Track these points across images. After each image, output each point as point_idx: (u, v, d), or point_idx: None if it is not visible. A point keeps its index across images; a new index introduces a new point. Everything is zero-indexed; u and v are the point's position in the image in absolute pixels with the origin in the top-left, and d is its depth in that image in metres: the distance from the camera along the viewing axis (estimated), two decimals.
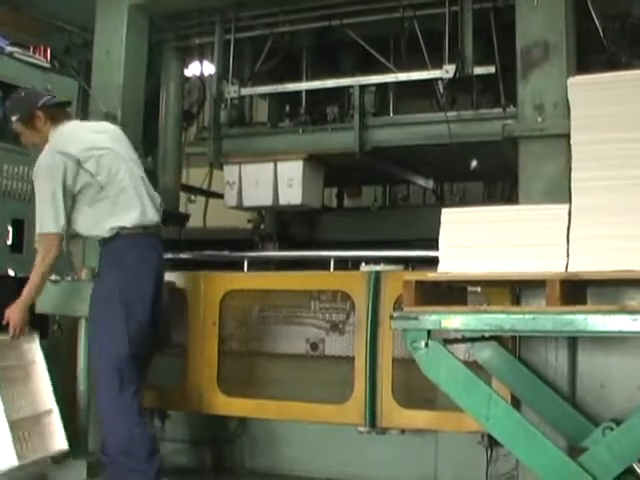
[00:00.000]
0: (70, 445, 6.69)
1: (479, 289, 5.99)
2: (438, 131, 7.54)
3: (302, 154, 7.96)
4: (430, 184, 10.27)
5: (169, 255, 7.59)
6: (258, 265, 8.09)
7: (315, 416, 6.70)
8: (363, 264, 6.72)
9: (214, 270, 7.38)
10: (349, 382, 6.48)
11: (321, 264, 7.59)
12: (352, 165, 8.28)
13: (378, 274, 6.40)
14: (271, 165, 8.00)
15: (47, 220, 5.99)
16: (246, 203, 8.14)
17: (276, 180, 7.97)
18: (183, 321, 7.14)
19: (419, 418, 6.34)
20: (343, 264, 7.58)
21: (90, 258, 7.47)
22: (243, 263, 7.51)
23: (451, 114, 7.46)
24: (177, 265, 7.92)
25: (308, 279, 7.04)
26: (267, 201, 8.02)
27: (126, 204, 6.06)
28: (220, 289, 7.02)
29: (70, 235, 6.36)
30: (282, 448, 7.33)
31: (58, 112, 6.30)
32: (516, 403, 5.68)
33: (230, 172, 8.21)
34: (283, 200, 7.95)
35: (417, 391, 5.73)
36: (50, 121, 6.23)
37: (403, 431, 6.44)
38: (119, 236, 6.07)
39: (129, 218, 6.04)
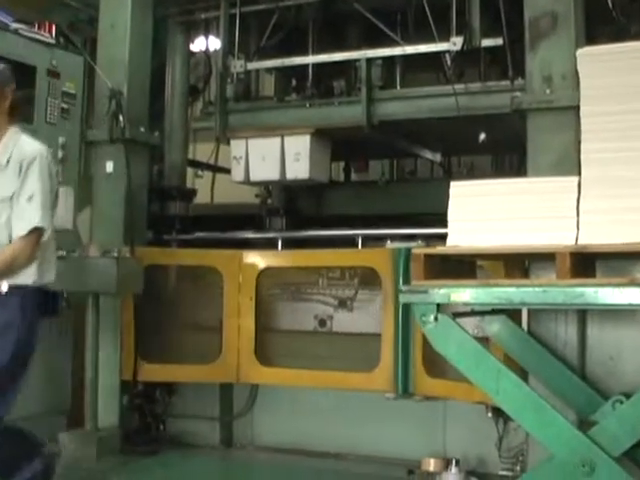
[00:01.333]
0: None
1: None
2: (446, 104, 7.48)
3: (309, 128, 7.93)
4: (438, 157, 10.22)
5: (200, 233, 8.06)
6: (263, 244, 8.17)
7: (345, 383, 6.93)
8: (389, 241, 6.91)
9: (222, 248, 7.58)
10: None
11: (327, 241, 7.75)
12: (359, 139, 8.23)
13: (406, 250, 6.50)
14: (278, 139, 7.96)
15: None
16: (253, 178, 8.11)
17: (283, 154, 7.94)
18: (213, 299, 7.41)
19: (445, 387, 6.44)
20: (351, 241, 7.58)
21: (98, 233, 7.50)
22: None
23: (459, 87, 7.39)
24: (188, 243, 7.99)
25: (337, 256, 7.30)
26: (274, 176, 7.99)
27: None
28: (257, 266, 7.30)
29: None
30: (292, 423, 7.37)
31: (17, 107, 5.50)
32: (523, 375, 5.66)
33: (237, 147, 8.17)
34: (290, 175, 7.92)
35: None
36: (8, 111, 5.37)
37: (428, 398, 6.68)
38: None
39: None
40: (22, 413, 6.90)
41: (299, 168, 7.89)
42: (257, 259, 7.33)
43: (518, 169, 9.10)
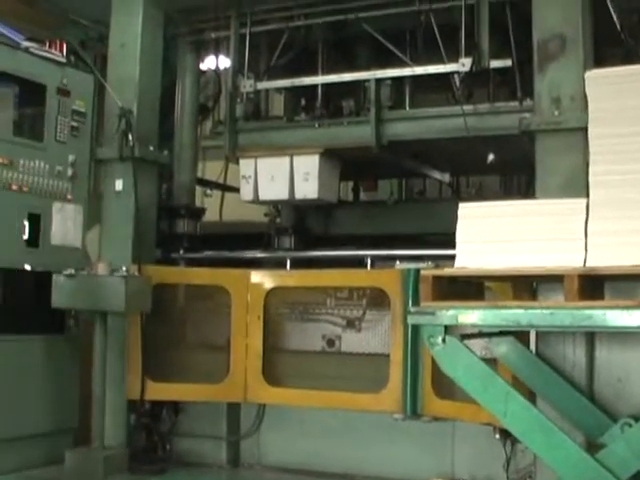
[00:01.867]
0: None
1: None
2: (454, 125, 7.48)
3: (318, 148, 7.94)
4: (446, 177, 10.21)
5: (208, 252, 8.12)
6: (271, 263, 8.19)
7: (353, 404, 6.92)
8: (397, 262, 6.90)
9: (230, 267, 7.59)
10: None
11: (336, 261, 7.74)
12: (368, 159, 8.24)
13: (415, 271, 6.50)
14: (287, 159, 7.97)
15: None
16: (262, 197, 8.11)
17: (292, 174, 7.94)
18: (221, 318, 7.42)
19: (453, 408, 6.42)
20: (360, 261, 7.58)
21: (107, 251, 7.51)
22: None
23: (467, 107, 7.40)
24: (196, 261, 8.00)
25: (346, 276, 7.28)
26: (283, 195, 7.99)
27: None
28: (265, 286, 7.31)
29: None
30: (299, 443, 7.35)
31: None
32: (531, 397, 5.65)
33: (246, 166, 8.18)
34: (299, 194, 7.93)
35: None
36: None
37: (436, 419, 6.68)
38: None
39: None
40: (29, 431, 6.97)
41: (308, 188, 7.90)
42: (265, 278, 7.32)
43: (527, 189, 9.09)
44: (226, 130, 8.31)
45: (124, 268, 6.87)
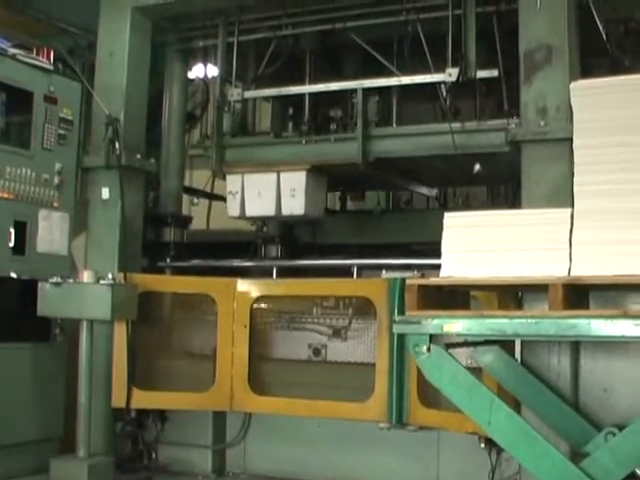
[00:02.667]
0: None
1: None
2: (442, 142, 7.47)
3: (305, 165, 7.97)
4: (433, 192, 10.25)
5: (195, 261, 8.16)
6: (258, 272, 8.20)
7: (339, 413, 6.91)
8: (384, 271, 6.93)
9: (217, 275, 7.59)
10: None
11: (322, 270, 7.76)
12: (355, 175, 8.24)
13: (401, 281, 6.48)
14: (274, 175, 7.98)
15: None
16: (248, 213, 8.10)
17: (279, 190, 7.95)
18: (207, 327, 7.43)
19: (439, 418, 6.42)
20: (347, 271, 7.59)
21: (93, 259, 7.51)
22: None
23: (455, 125, 7.41)
24: (183, 270, 8.00)
25: (332, 285, 7.28)
26: (269, 211, 7.98)
27: None
28: (251, 294, 7.29)
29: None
30: (285, 452, 7.34)
31: None
32: (516, 406, 5.66)
33: (233, 182, 8.18)
34: (286, 210, 7.92)
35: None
36: None
37: (422, 428, 6.68)
38: None
39: None
40: (15, 439, 6.94)
41: (295, 204, 7.91)
42: (252, 287, 7.31)
43: (513, 200, 9.12)
44: (213, 145, 8.31)
45: (110, 276, 6.86)
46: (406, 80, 7.76)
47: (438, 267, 5.53)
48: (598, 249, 4.98)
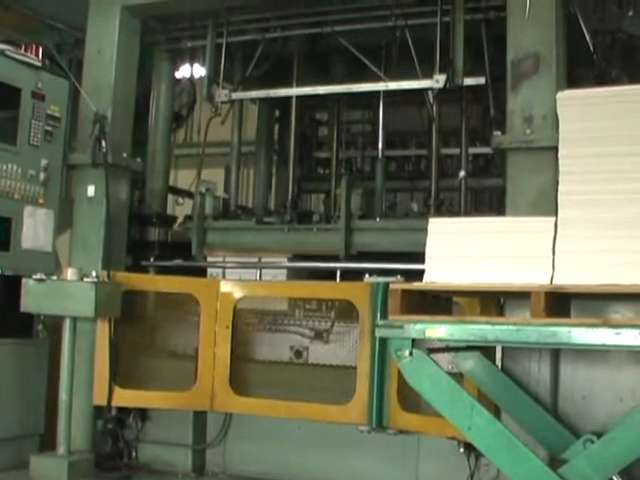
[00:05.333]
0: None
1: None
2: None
3: (287, 253, 8.05)
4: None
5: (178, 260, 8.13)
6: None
7: (320, 415, 6.91)
8: (367, 275, 6.89)
9: (198, 276, 7.74)
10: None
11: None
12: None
13: (384, 285, 6.52)
14: (255, 261, 8.10)
15: None
16: None
17: (260, 276, 8.02)
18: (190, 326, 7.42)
19: (419, 422, 6.44)
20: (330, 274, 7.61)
21: (77, 257, 7.51)
22: None
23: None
24: (166, 269, 8.00)
25: (315, 288, 7.32)
26: None
27: None
28: (235, 295, 7.28)
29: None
30: (265, 452, 7.34)
31: None
32: (496, 412, 5.69)
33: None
34: None
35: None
36: None
37: (402, 431, 6.68)
38: None
39: None
40: None
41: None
42: (235, 288, 7.32)
43: (498, 207, 9.16)
44: (194, 227, 8.29)
45: (94, 274, 6.87)
46: (393, 86, 7.80)
47: (421, 272, 5.56)
48: (581, 258, 5.02)
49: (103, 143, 7.49)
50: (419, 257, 5.67)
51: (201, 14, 8.36)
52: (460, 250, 5.38)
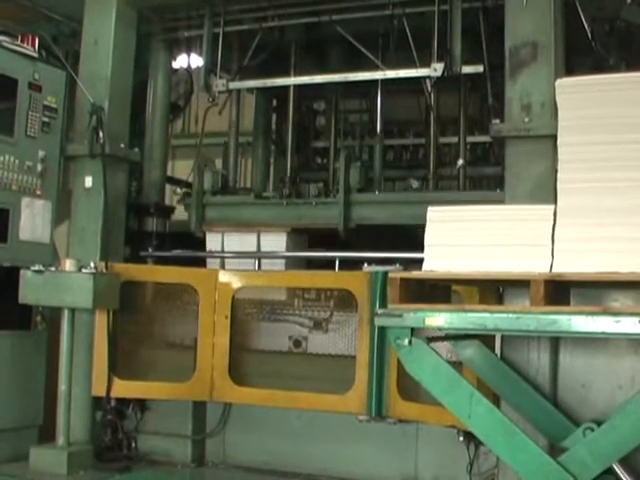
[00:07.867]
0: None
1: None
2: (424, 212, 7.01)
3: (286, 227, 8.03)
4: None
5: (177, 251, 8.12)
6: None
7: (319, 405, 6.91)
8: (365, 264, 6.88)
9: (197, 266, 7.68)
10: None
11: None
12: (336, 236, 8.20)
13: (383, 274, 6.50)
14: (254, 236, 8.06)
15: None
16: None
17: (259, 251, 8.03)
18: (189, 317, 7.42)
19: (418, 410, 6.44)
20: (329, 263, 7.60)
21: (75, 248, 7.50)
22: None
23: (437, 194, 7.35)
24: (165, 259, 7.99)
25: (314, 277, 7.30)
26: None
27: None
28: (233, 285, 7.28)
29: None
30: (265, 443, 7.35)
31: None
32: (495, 400, 5.69)
33: (212, 240, 8.24)
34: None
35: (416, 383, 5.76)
36: None
37: (401, 421, 6.67)
38: None
39: None
40: None
41: (275, 265, 7.99)
42: (233, 278, 7.31)
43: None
44: (193, 203, 8.30)
45: (92, 265, 6.86)
46: (391, 74, 7.79)
47: (420, 261, 5.55)
48: (580, 246, 5.01)
49: (100, 134, 7.46)
50: (418, 246, 5.67)
51: (197, 4, 8.36)
52: (459, 238, 5.37)
